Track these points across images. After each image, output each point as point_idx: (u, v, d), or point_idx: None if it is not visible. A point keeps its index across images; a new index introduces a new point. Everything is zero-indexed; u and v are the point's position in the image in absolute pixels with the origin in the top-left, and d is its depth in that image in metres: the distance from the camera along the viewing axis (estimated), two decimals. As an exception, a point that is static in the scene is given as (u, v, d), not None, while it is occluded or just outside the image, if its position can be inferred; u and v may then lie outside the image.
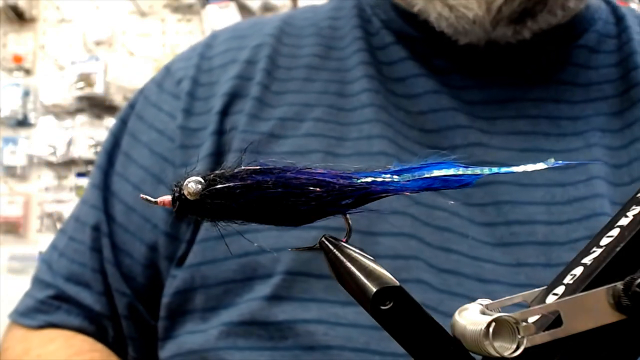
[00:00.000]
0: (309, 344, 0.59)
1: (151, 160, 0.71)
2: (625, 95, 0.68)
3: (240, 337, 0.61)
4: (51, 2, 2.40)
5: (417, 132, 0.67)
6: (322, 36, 0.74)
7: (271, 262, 0.62)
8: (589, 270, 0.35)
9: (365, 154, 0.65)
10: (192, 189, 0.33)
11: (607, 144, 0.66)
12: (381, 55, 0.71)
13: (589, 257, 0.36)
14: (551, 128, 0.67)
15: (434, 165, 0.35)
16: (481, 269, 0.60)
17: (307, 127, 0.67)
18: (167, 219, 0.69)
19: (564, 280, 0.36)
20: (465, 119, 0.67)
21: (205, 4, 2.36)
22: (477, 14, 0.63)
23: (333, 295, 0.60)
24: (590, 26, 0.72)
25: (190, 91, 0.72)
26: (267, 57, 0.72)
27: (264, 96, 0.70)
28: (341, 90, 0.70)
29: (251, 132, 0.67)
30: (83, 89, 2.31)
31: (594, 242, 0.37)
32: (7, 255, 2.31)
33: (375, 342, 0.58)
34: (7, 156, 2.35)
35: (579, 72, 0.70)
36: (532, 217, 0.62)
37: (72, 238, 0.73)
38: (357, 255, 0.34)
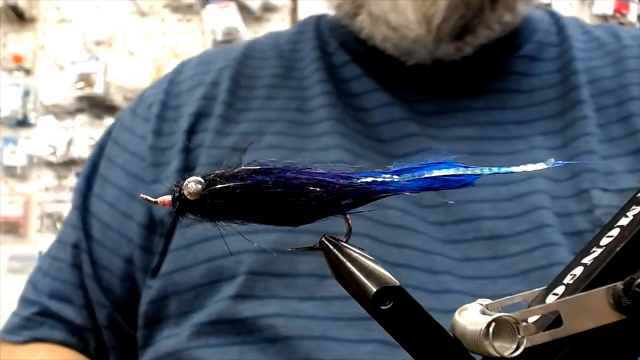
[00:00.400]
0: (272, 336, 0.62)
1: (126, 180, 0.76)
2: (565, 97, 0.73)
3: (210, 335, 0.65)
4: (51, 2, 2.40)
5: (373, 142, 0.72)
6: (283, 58, 0.80)
7: (234, 264, 0.66)
8: (589, 270, 0.35)
9: (323, 162, 0.67)
10: (192, 189, 0.34)
11: (549, 144, 0.71)
12: (339, 73, 0.77)
13: (589, 257, 0.36)
14: (497, 133, 0.72)
15: (434, 165, 0.35)
16: (432, 261, 0.64)
17: (268, 140, 0.72)
18: (142, 233, 0.73)
19: (564, 280, 0.36)
20: (417, 127, 0.72)
21: (205, 4, 2.36)
22: (418, 33, 0.68)
23: (292, 292, 0.64)
24: (531, 36, 0.77)
25: (159, 114, 0.77)
26: (230, 78, 0.77)
27: (227, 114, 0.75)
28: (301, 106, 0.75)
29: (216, 147, 0.73)
30: (83, 89, 2.31)
31: (594, 242, 0.37)
32: (7, 255, 2.31)
33: (331, 330, 0.62)
34: (7, 156, 2.34)
35: (521, 80, 0.75)
36: (478, 214, 0.67)
37: (54, 258, 0.78)
38: (357, 255, 0.34)
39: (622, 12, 2.47)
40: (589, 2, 2.47)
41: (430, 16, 0.68)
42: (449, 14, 0.68)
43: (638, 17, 2.50)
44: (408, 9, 0.68)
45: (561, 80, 0.75)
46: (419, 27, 0.68)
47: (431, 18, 0.68)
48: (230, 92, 0.77)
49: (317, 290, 0.64)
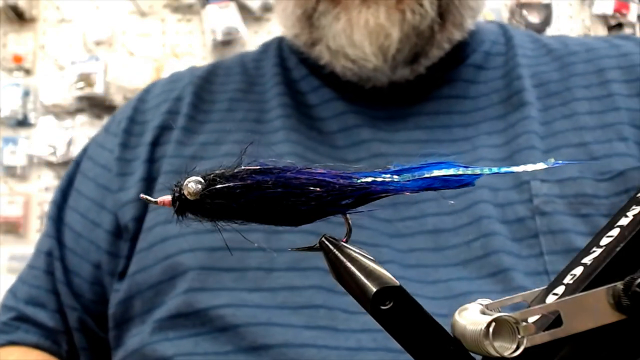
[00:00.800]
0: (222, 325, 0.66)
1: (95, 191, 0.82)
2: (509, 101, 0.79)
3: (169, 329, 0.69)
4: (51, 2, 2.40)
5: (327, 148, 0.77)
6: (246, 74, 0.86)
7: (188, 260, 0.71)
8: (589, 270, 0.35)
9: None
10: (192, 189, 0.34)
11: (492, 143, 0.76)
12: (297, 86, 0.83)
13: (589, 257, 0.36)
14: (444, 135, 0.77)
15: (434, 165, 0.35)
16: (379, 253, 0.68)
17: (226, 149, 0.77)
18: (109, 239, 0.79)
19: (564, 280, 0.36)
20: (369, 133, 0.77)
21: (205, 4, 2.35)
22: (376, 64, 0.74)
23: (241, 284, 0.68)
24: (479, 47, 0.84)
25: (126, 128, 0.84)
26: (193, 92, 0.83)
27: (189, 125, 0.81)
28: (259, 118, 0.80)
29: (177, 156, 0.78)
30: (83, 89, 2.30)
31: (594, 242, 0.37)
32: (7, 255, 2.30)
33: (276, 317, 0.65)
34: (7, 156, 2.33)
35: (468, 87, 0.81)
36: (423, 212, 0.72)
37: (31, 266, 0.83)
38: (357, 255, 0.34)
39: (622, 12, 2.46)
40: (589, 2, 2.47)
41: (386, 48, 0.73)
42: (402, 44, 0.73)
43: (638, 17, 2.49)
44: (364, 44, 0.73)
45: (505, 85, 0.80)
46: (376, 59, 0.74)
47: (386, 50, 0.73)
48: (193, 106, 0.82)
49: (265, 282, 0.68)
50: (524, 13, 2.43)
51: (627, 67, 0.80)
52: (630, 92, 0.77)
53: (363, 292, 0.33)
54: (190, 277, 0.70)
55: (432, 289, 0.67)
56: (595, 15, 2.47)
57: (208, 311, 0.67)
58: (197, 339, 0.67)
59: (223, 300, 0.68)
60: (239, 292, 0.68)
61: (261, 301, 0.67)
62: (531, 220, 0.69)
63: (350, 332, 0.64)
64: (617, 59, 0.81)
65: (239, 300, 0.67)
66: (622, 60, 0.80)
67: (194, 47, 2.39)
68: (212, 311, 0.67)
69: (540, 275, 0.66)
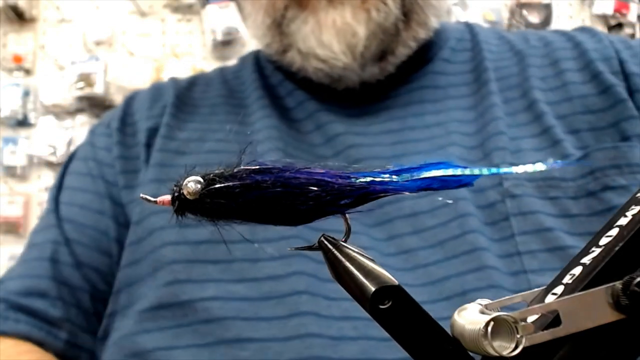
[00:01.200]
0: (206, 317, 0.67)
1: (95, 184, 0.83)
2: (478, 92, 0.82)
3: (149, 321, 0.70)
4: (51, 2, 2.40)
5: (306, 145, 0.80)
6: (227, 83, 0.91)
7: (172, 252, 0.72)
8: (587, 269, 0.35)
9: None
10: (191, 189, 0.34)
11: (464, 130, 0.79)
12: (275, 91, 0.87)
13: (587, 257, 0.36)
14: (417, 122, 0.80)
15: (433, 166, 0.35)
16: (358, 241, 0.68)
17: (209, 146, 0.81)
18: (117, 228, 0.80)
19: (563, 280, 0.36)
20: (342, 127, 0.80)
21: (205, 4, 2.35)
22: (346, 62, 0.77)
23: (227, 275, 0.69)
24: (445, 44, 0.89)
25: (119, 128, 0.86)
26: (175, 96, 0.88)
27: (172, 122, 0.84)
28: (242, 120, 0.84)
29: (162, 150, 0.81)
30: (83, 89, 2.30)
31: (593, 242, 0.37)
32: (7, 255, 2.30)
33: (262, 310, 0.66)
34: (7, 156, 2.33)
35: (439, 78, 0.85)
36: (400, 197, 0.71)
37: (24, 260, 0.82)
38: (356, 255, 0.34)
39: (622, 12, 2.47)
40: (589, 2, 2.47)
41: (353, 46, 0.77)
42: (369, 42, 0.77)
43: (638, 17, 2.50)
44: (333, 43, 0.76)
45: (474, 78, 0.84)
46: (345, 57, 0.77)
47: (354, 47, 0.77)
48: (176, 107, 0.86)
49: (250, 272, 0.69)
50: (524, 13, 2.43)
51: (579, 55, 0.83)
52: (583, 79, 0.80)
53: (362, 291, 0.33)
54: (175, 268, 0.71)
55: (411, 275, 0.68)
56: (595, 15, 2.47)
57: (193, 303, 0.68)
58: (178, 331, 0.68)
59: (210, 293, 0.69)
60: (225, 283, 0.69)
61: (247, 292, 0.68)
62: (502, 203, 0.71)
63: (333, 319, 0.65)
64: (571, 50, 0.84)
65: (226, 292, 0.68)
66: (575, 51, 0.84)
67: (194, 47, 2.39)
68: (198, 303, 0.68)
69: (512, 257, 0.68)
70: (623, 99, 0.76)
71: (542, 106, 0.78)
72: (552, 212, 0.70)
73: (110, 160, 0.84)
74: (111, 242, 0.80)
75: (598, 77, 0.79)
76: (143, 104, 0.89)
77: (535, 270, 0.67)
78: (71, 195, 0.84)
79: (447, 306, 0.65)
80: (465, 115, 0.80)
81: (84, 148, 0.89)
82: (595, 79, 0.80)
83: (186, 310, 0.68)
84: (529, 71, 0.83)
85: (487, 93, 0.81)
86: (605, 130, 0.76)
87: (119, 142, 0.85)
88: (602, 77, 0.79)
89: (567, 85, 0.80)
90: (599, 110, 0.77)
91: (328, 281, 0.67)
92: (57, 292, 0.78)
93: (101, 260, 0.80)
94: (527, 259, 0.67)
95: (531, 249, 0.68)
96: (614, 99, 0.77)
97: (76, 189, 0.84)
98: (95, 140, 0.88)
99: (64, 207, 0.83)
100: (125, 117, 0.88)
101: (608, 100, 0.77)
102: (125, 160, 0.83)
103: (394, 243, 0.71)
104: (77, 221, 0.81)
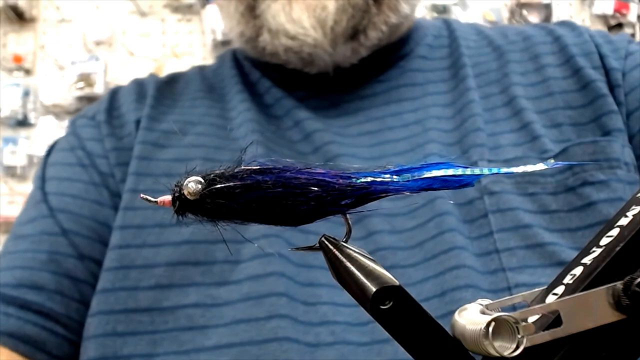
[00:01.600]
0: (188, 325, 0.67)
1: (87, 174, 0.81)
2: (456, 89, 0.82)
3: (120, 322, 0.68)
4: (51, 2, 2.40)
5: (285, 141, 0.80)
6: (206, 79, 0.91)
7: (153, 255, 0.71)
8: (588, 270, 0.35)
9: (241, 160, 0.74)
10: (192, 189, 0.33)
11: (442, 127, 0.79)
12: (254, 88, 0.87)
13: (588, 257, 0.36)
14: (395, 122, 0.81)
15: (433, 166, 0.35)
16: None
17: (190, 139, 0.80)
18: (114, 215, 0.77)
19: (563, 280, 0.36)
20: (320, 124, 0.80)
21: (205, 4, 2.35)
22: (316, 37, 0.76)
23: (209, 278, 0.69)
24: (422, 41, 0.89)
25: (107, 120, 0.85)
26: (155, 89, 0.87)
27: (152, 113, 0.83)
28: (222, 114, 0.84)
29: (143, 142, 0.80)
30: (83, 89, 2.30)
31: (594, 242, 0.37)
32: (7, 255, 2.30)
33: (240, 312, 0.66)
34: (7, 156, 2.33)
35: (416, 75, 0.85)
36: None
37: (10, 252, 0.76)
38: (357, 255, 0.34)
39: (622, 12, 2.46)
40: (589, 2, 2.47)
41: (323, 20, 0.76)
42: (339, 16, 0.76)
43: (638, 17, 2.49)
44: (302, 18, 0.76)
45: (452, 75, 0.84)
46: (315, 32, 0.76)
47: (324, 22, 0.76)
48: (155, 98, 0.86)
49: (232, 275, 0.68)
50: (524, 13, 2.43)
51: (560, 50, 0.83)
52: (564, 74, 0.80)
53: (362, 291, 0.33)
54: (157, 272, 0.70)
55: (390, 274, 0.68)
56: (595, 15, 2.47)
57: (175, 310, 0.68)
58: (154, 337, 0.67)
59: (192, 299, 0.68)
60: (207, 287, 0.68)
61: (228, 296, 0.67)
62: (480, 200, 0.71)
63: (310, 325, 0.65)
64: (551, 45, 0.84)
65: (208, 297, 0.68)
66: (555, 45, 0.84)
67: (194, 47, 2.39)
68: (179, 310, 0.67)
69: (491, 255, 0.67)
70: (603, 94, 0.76)
71: (522, 101, 0.78)
72: (530, 208, 0.70)
73: (103, 152, 0.81)
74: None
75: (579, 73, 0.79)
76: (128, 97, 0.88)
77: (513, 267, 0.66)
78: (59, 186, 0.80)
79: (427, 307, 0.65)
80: (443, 112, 0.80)
81: (66, 139, 0.86)
82: (576, 75, 0.80)
83: (167, 317, 0.67)
84: (508, 67, 0.83)
85: (465, 89, 0.81)
86: (586, 125, 0.76)
87: (110, 135, 0.83)
88: (583, 73, 0.79)
89: (548, 81, 0.80)
90: (579, 106, 0.77)
91: (306, 285, 0.68)
92: (56, 285, 0.73)
93: (103, 252, 0.75)
94: (505, 257, 0.67)
95: (509, 246, 0.67)
96: (595, 94, 0.77)
97: (64, 179, 0.80)
98: (79, 131, 0.85)
99: (53, 197, 0.79)
100: (111, 110, 0.86)
101: (589, 96, 0.77)
102: (119, 152, 0.81)
103: (373, 240, 0.70)
104: (72, 211, 0.77)
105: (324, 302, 0.67)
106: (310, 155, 0.78)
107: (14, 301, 0.71)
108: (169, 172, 0.76)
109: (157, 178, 0.76)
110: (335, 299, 0.67)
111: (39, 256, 0.74)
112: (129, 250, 0.72)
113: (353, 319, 0.66)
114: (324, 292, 0.68)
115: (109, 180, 0.80)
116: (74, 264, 0.75)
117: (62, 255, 0.75)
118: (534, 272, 0.66)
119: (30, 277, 0.72)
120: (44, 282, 0.73)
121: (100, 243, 0.76)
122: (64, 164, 0.82)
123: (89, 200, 0.78)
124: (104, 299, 0.70)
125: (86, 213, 0.77)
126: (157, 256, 0.70)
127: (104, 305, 0.70)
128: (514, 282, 0.65)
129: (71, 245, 0.75)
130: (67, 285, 0.74)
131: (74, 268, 0.75)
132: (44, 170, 0.83)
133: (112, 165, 0.80)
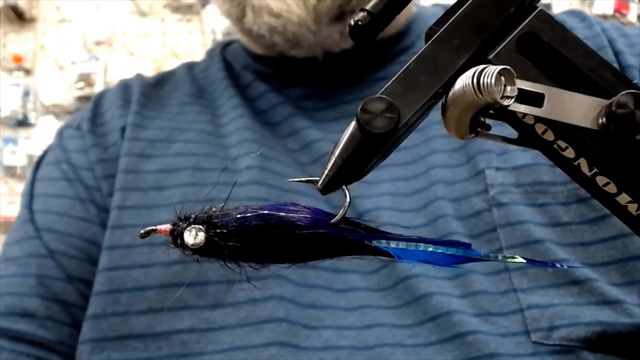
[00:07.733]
0: (183, 352, 0.64)
1: (72, 189, 0.77)
2: None
3: (114, 350, 0.66)
4: (51, 2, 2.41)
5: (283, 149, 0.77)
6: (195, 82, 0.87)
7: (143, 277, 0.68)
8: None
9: (231, 171, 0.73)
10: (193, 242, 0.35)
11: (445, 133, 0.75)
12: (246, 92, 0.83)
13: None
14: None
15: (456, 245, 0.38)
16: (339, 261, 0.69)
17: (177, 147, 0.77)
18: (103, 233, 0.74)
19: None
20: (319, 134, 0.77)
21: (205, 4, 2.36)
22: (300, 15, 0.72)
23: (203, 300, 0.66)
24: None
25: (90, 129, 0.81)
26: (141, 93, 0.84)
27: (137, 120, 0.80)
28: (212, 120, 0.81)
29: (128, 155, 0.77)
30: (83, 89, 2.31)
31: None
32: (7, 256, 2.29)
33: (238, 339, 0.63)
34: (7, 156, 2.33)
35: None
36: (378, 205, 0.70)
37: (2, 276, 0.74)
38: None
39: (622, 12, 2.48)
40: (589, 2, 2.48)
41: None
42: None
43: (638, 17, 2.51)
44: None
45: None
46: (298, 9, 0.72)
47: None
48: (140, 104, 0.83)
49: (227, 296, 0.66)
50: (523, 9, 2.44)
51: None
52: None
53: None
54: (149, 296, 0.67)
55: (395, 294, 0.66)
56: (595, 15, 2.48)
57: (169, 335, 0.65)
58: None
59: (186, 324, 0.65)
60: (202, 310, 0.66)
61: (223, 320, 0.65)
62: (488, 212, 0.66)
63: (312, 350, 0.62)
64: None
65: (203, 321, 0.65)
66: None
67: (194, 47, 2.40)
68: (174, 336, 0.65)
69: (501, 274, 0.64)
70: None
71: None
72: (541, 221, 0.66)
73: (88, 164, 0.78)
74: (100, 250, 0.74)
75: None
76: (113, 102, 0.84)
77: (525, 288, 0.63)
78: (45, 203, 0.77)
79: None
80: None
81: (53, 152, 0.83)
82: None
83: (161, 343, 0.65)
84: None
85: None
86: None
87: (94, 145, 0.80)
88: None
89: None
90: None
91: (308, 307, 0.65)
92: (46, 311, 0.71)
93: (93, 271, 0.73)
94: (516, 277, 0.63)
95: (520, 265, 0.64)
96: None
97: (50, 196, 0.78)
98: (65, 143, 0.82)
99: (40, 216, 0.76)
100: (95, 118, 0.83)
101: None
102: (104, 164, 0.78)
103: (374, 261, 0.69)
104: (58, 230, 0.75)
105: (327, 326, 0.64)
106: (309, 166, 0.74)
107: (6, 333, 0.69)
108: (157, 185, 0.74)
109: (145, 191, 0.74)
110: (338, 321, 0.64)
111: (27, 281, 0.72)
112: (118, 273, 0.69)
113: (358, 342, 0.62)
114: (327, 315, 0.65)
115: (95, 194, 0.77)
116: (63, 287, 0.73)
117: (50, 278, 0.73)
118: (546, 292, 0.63)
119: (20, 304, 0.71)
120: (34, 309, 0.71)
121: (88, 262, 0.74)
122: (50, 179, 0.80)
123: (74, 217, 0.76)
124: (96, 325, 0.68)
125: (73, 231, 0.75)
126: (147, 278, 0.68)
127: (96, 332, 0.68)
128: (526, 304, 0.62)
129: (59, 267, 0.73)
130: (57, 310, 0.72)
131: (62, 292, 0.73)
132: (32, 185, 0.81)
133: (99, 179, 0.77)
